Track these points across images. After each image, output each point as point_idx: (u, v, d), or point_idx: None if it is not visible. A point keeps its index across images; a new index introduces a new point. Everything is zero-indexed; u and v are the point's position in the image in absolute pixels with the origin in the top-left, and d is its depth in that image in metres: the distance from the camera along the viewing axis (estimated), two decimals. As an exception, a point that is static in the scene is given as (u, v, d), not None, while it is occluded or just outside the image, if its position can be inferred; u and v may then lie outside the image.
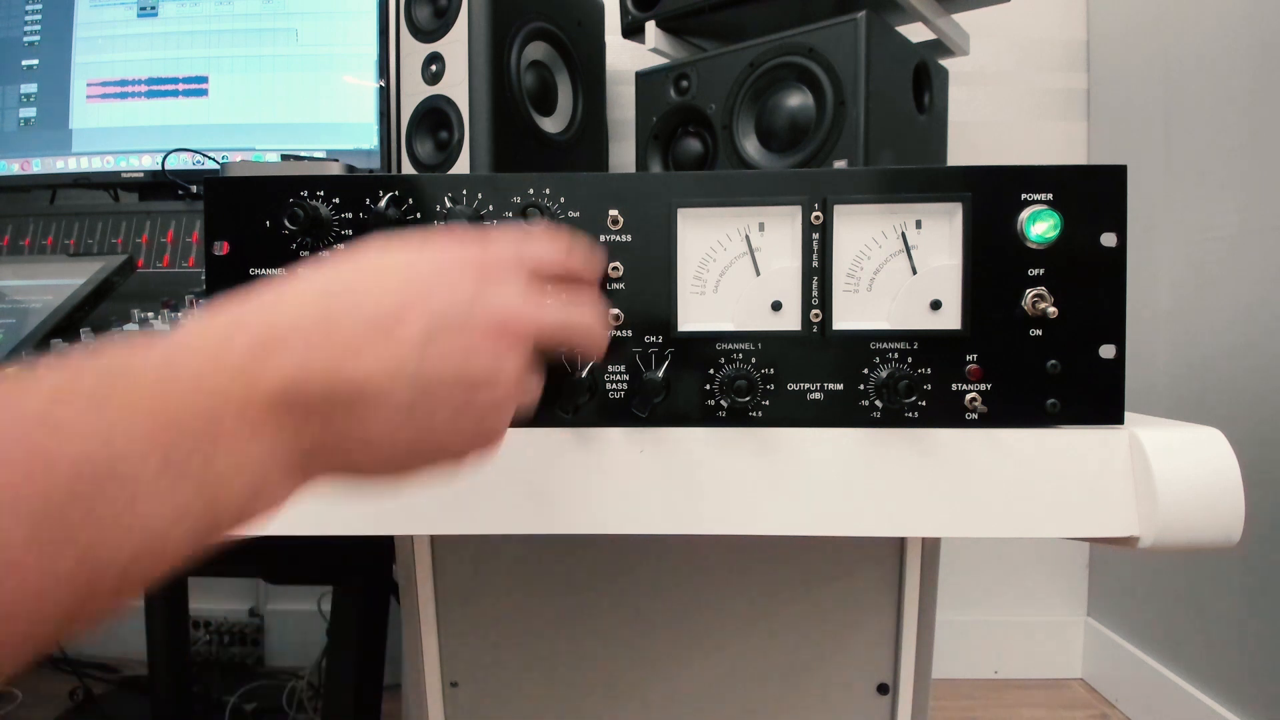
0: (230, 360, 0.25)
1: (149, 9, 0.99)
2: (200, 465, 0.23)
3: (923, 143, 0.86)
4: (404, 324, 0.28)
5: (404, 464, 0.30)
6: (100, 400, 0.22)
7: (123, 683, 1.35)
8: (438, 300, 0.29)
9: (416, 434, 0.29)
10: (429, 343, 0.28)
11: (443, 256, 0.31)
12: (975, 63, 1.20)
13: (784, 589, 0.71)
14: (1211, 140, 1.11)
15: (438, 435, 0.29)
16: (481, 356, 0.30)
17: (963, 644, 1.41)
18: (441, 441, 0.30)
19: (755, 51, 0.78)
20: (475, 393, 0.30)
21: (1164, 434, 0.41)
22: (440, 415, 0.29)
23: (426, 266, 0.30)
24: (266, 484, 0.26)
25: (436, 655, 0.73)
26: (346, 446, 0.28)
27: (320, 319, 0.27)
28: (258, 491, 0.25)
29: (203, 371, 0.25)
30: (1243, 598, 1.05)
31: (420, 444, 0.29)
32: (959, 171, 0.42)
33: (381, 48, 0.96)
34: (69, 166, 1.00)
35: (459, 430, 0.30)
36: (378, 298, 0.28)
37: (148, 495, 0.22)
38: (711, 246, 0.43)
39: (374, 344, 0.27)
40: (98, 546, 0.21)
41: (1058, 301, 0.41)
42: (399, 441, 0.29)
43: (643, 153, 0.88)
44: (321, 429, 0.27)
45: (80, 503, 0.20)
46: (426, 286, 0.29)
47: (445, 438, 0.30)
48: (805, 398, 0.43)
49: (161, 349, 0.25)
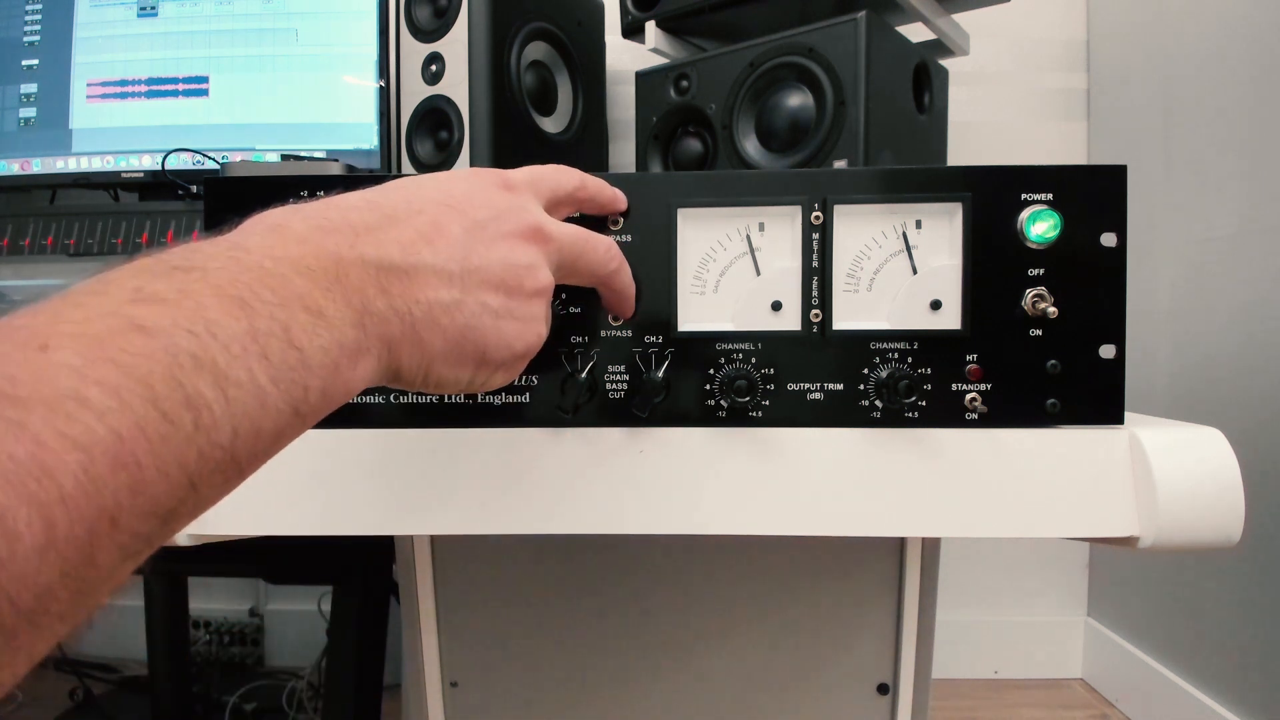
0: (291, 235, 0.27)
1: (149, 9, 0.99)
2: (280, 338, 0.24)
3: (923, 143, 0.86)
4: (445, 229, 0.31)
5: (464, 348, 0.32)
6: (178, 293, 0.22)
7: (123, 683, 1.35)
8: (473, 210, 0.33)
9: (470, 317, 0.31)
10: (470, 240, 0.32)
11: (471, 179, 0.34)
12: (975, 63, 1.20)
13: (784, 589, 0.71)
14: (1211, 140, 1.11)
15: (488, 323, 0.32)
16: (519, 254, 0.33)
17: (963, 644, 1.41)
18: (493, 330, 0.32)
19: (755, 51, 0.78)
20: (519, 285, 0.33)
21: (1164, 434, 0.41)
22: (490, 298, 0.32)
23: (458, 187, 0.33)
24: (343, 354, 0.27)
25: (436, 655, 0.73)
26: (413, 319, 0.30)
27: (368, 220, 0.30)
28: (336, 364, 0.26)
29: (267, 248, 0.26)
30: (1242, 598, 1.05)
31: (474, 329, 0.32)
32: (959, 171, 0.42)
33: (381, 48, 0.96)
34: (69, 166, 1.00)
35: (507, 315, 0.33)
36: (417, 208, 0.31)
37: (238, 374, 0.23)
38: (711, 246, 0.43)
39: (418, 243, 0.30)
40: (200, 429, 0.21)
41: (1058, 301, 0.41)
42: (455, 320, 0.31)
43: (643, 153, 0.88)
44: (381, 294, 0.28)
45: (178, 390, 0.21)
46: (461, 200, 0.33)
47: (495, 322, 0.32)
48: (805, 398, 0.43)
49: (225, 240, 0.26)
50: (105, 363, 0.20)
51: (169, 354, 0.21)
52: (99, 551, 0.19)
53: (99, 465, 0.19)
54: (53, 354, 0.19)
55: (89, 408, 0.19)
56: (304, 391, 0.25)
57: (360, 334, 0.27)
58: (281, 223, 0.28)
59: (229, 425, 0.22)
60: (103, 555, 0.19)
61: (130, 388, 0.20)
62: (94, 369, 0.19)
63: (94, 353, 0.20)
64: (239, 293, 0.24)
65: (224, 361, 0.22)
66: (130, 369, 0.20)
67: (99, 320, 0.21)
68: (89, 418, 0.19)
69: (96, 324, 0.20)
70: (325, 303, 0.26)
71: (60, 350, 0.19)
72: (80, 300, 0.21)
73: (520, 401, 0.44)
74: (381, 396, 0.44)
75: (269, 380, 0.24)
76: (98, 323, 0.20)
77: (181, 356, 0.21)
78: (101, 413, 0.19)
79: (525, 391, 0.44)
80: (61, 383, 0.19)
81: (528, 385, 0.44)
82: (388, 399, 0.44)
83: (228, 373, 0.22)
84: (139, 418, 0.20)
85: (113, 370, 0.20)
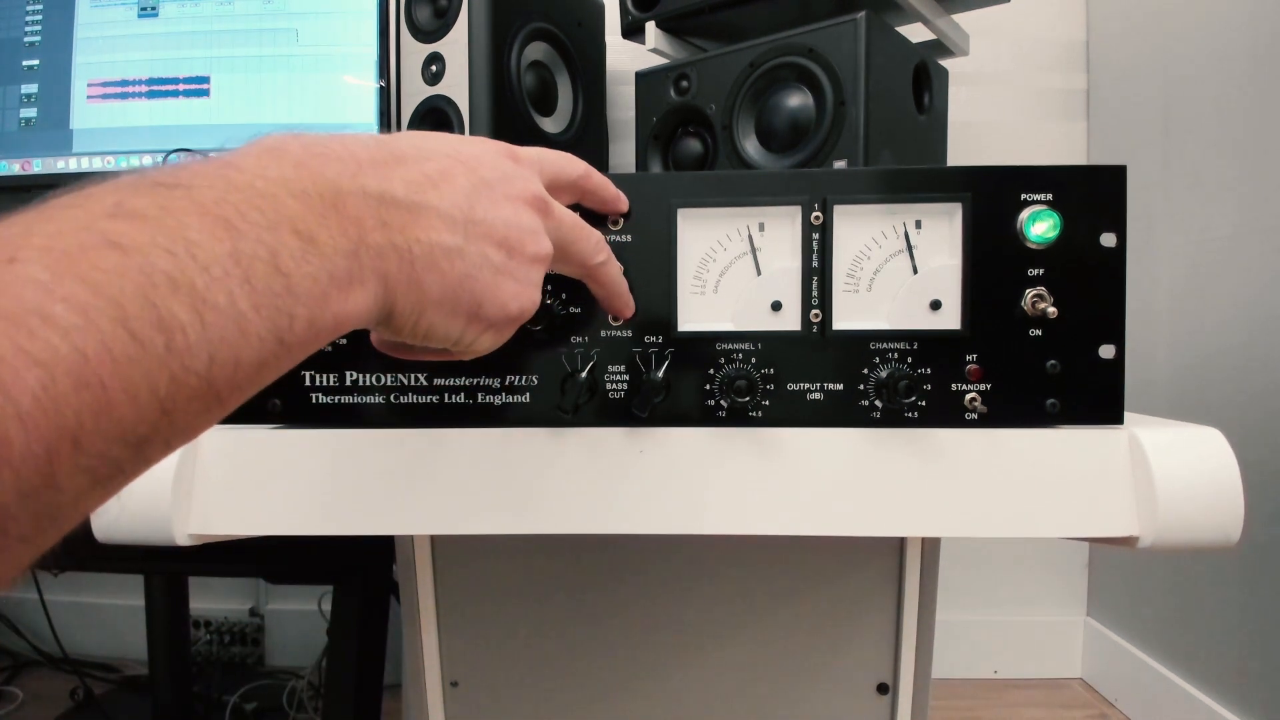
0: (288, 157, 0.26)
1: (149, 9, 0.99)
2: (266, 261, 0.23)
3: (923, 143, 0.86)
4: (452, 177, 0.31)
5: (460, 297, 0.31)
6: (159, 210, 0.22)
7: (123, 682, 1.35)
8: (481, 169, 0.32)
9: (470, 266, 0.31)
10: (475, 194, 0.31)
11: (481, 144, 0.34)
12: (975, 63, 1.20)
13: (784, 589, 0.71)
14: (1211, 140, 1.11)
15: (487, 277, 0.31)
16: (523, 217, 0.33)
17: (963, 644, 1.41)
18: (492, 285, 0.32)
19: (755, 51, 0.78)
20: (521, 246, 0.33)
21: (1163, 434, 0.41)
22: (491, 252, 0.31)
23: (467, 148, 0.33)
24: (333, 284, 0.25)
25: (436, 655, 0.73)
26: (413, 257, 0.29)
27: (374, 155, 0.29)
28: (325, 294, 0.25)
29: (261, 168, 0.25)
30: (1242, 598, 1.05)
31: (473, 280, 0.31)
32: (959, 171, 0.42)
33: (381, 48, 0.96)
34: (69, 166, 1.00)
35: (508, 276, 0.32)
36: (426, 155, 0.31)
37: (217, 297, 0.22)
38: (711, 246, 0.43)
39: (424, 184, 0.30)
40: (172, 353, 0.20)
41: (1057, 301, 0.41)
42: (456, 266, 0.30)
43: (643, 153, 0.88)
44: (380, 228, 0.27)
45: (150, 310, 0.20)
46: (470, 159, 0.32)
47: (494, 281, 0.32)
48: (805, 398, 0.43)
49: (218, 159, 0.25)
50: (74, 279, 0.19)
51: (143, 273, 0.20)
52: (60, 473, 0.18)
53: (60, 384, 0.18)
54: (20, 267, 0.18)
55: (53, 324, 0.18)
56: (289, 320, 0.24)
57: (354, 264, 0.26)
58: (279, 145, 0.27)
59: (205, 351, 0.21)
60: (65, 478, 0.18)
61: (98, 306, 0.19)
62: (62, 285, 0.19)
63: (63, 268, 0.19)
64: (225, 213, 0.23)
65: (202, 284, 0.21)
66: (100, 287, 0.19)
67: (72, 234, 0.20)
68: (52, 334, 0.18)
69: (69, 238, 0.20)
70: (318, 229, 0.25)
71: (28, 264, 0.18)
72: (55, 213, 0.20)
73: (520, 401, 0.44)
74: (382, 396, 0.44)
75: (251, 306, 0.22)
76: (71, 237, 0.20)
77: (157, 276, 0.20)
78: (66, 330, 0.18)
79: (525, 391, 0.44)
80: (26, 297, 0.18)
81: (527, 385, 0.44)
82: (388, 399, 0.44)
83: (206, 295, 0.21)
84: (106, 337, 0.19)
85: (81, 287, 0.19)
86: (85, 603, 1.49)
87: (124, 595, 1.46)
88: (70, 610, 1.45)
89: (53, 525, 0.19)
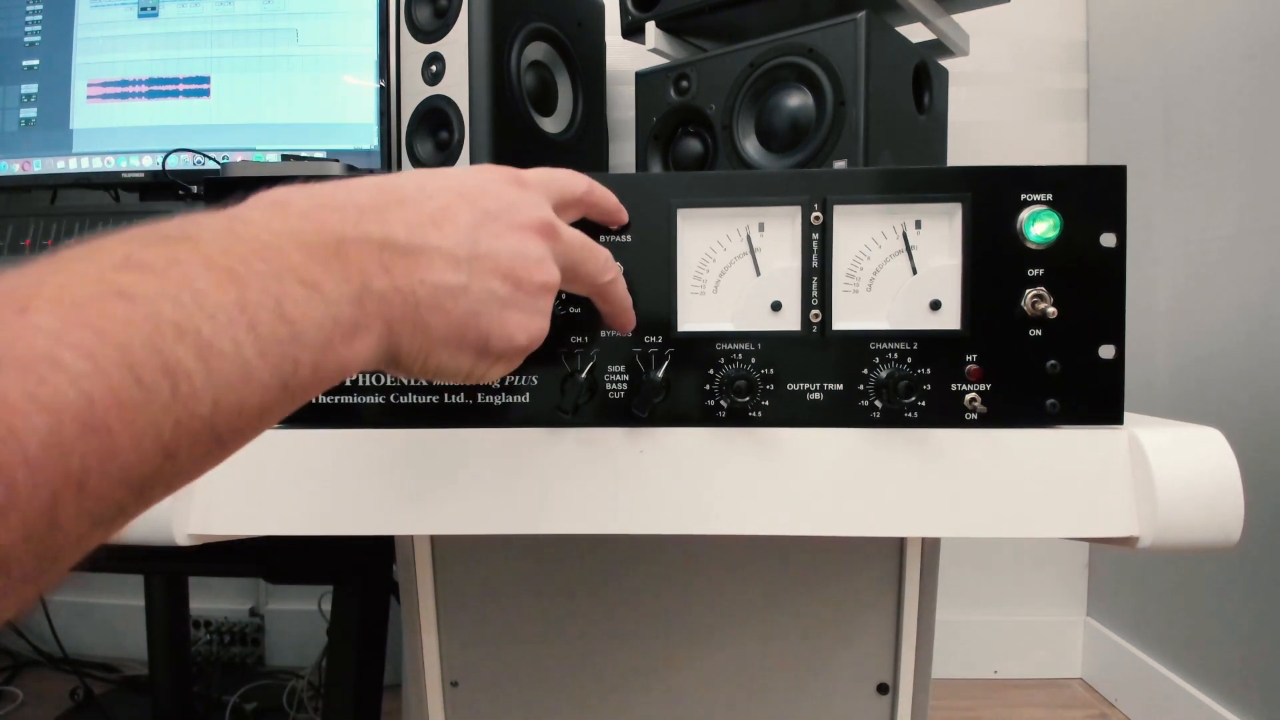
0: (293, 210, 0.27)
1: (149, 9, 0.99)
2: (271, 310, 0.24)
3: (923, 143, 0.86)
4: (453, 215, 0.31)
5: (467, 334, 0.31)
6: (167, 261, 0.22)
7: (123, 682, 1.35)
8: (484, 200, 0.32)
9: (475, 303, 0.31)
10: (479, 228, 0.31)
11: (484, 173, 0.34)
12: (975, 63, 1.20)
13: (784, 589, 0.71)
14: (1211, 140, 1.11)
15: (494, 308, 0.31)
16: (529, 247, 0.33)
17: (963, 644, 1.41)
18: (498, 319, 0.32)
19: (755, 52, 0.78)
20: (527, 276, 0.33)
21: (1163, 434, 0.41)
22: (496, 285, 0.31)
23: (471, 179, 0.33)
24: (338, 330, 0.26)
25: (436, 655, 0.73)
26: (417, 300, 0.29)
27: (375, 200, 0.29)
28: (330, 340, 0.26)
29: (265, 221, 0.26)
30: (1242, 598, 1.05)
31: (479, 316, 0.31)
32: (959, 171, 0.42)
33: (381, 48, 0.96)
34: (70, 167, 1.00)
35: (514, 307, 0.32)
36: (429, 194, 0.31)
37: (223, 344, 0.22)
38: (711, 246, 0.43)
39: (425, 225, 0.30)
40: (178, 398, 0.21)
41: (1057, 302, 0.41)
42: (460, 304, 0.30)
43: (643, 153, 0.88)
44: (383, 272, 0.28)
45: (157, 357, 0.20)
46: (473, 191, 0.32)
47: (501, 311, 0.32)
48: (805, 398, 0.43)
49: (225, 213, 0.26)
50: (83, 327, 0.19)
51: (151, 321, 0.20)
52: (64, 516, 0.18)
53: (67, 429, 0.18)
54: (30, 317, 0.19)
55: (62, 370, 0.18)
56: (294, 366, 0.24)
57: (358, 311, 0.27)
58: (284, 199, 0.27)
59: (210, 396, 0.22)
60: (68, 520, 0.19)
61: (106, 353, 0.19)
62: (71, 333, 0.19)
63: (73, 317, 0.19)
64: (230, 264, 0.23)
65: (209, 331, 0.22)
66: (108, 334, 0.20)
67: (82, 285, 0.20)
68: (61, 380, 0.18)
69: (79, 289, 0.20)
70: (322, 277, 0.26)
71: (39, 313, 0.19)
72: (66, 265, 0.21)
73: (520, 401, 0.44)
74: (382, 397, 0.44)
75: (256, 353, 0.23)
76: (80, 288, 0.20)
77: (164, 324, 0.21)
78: (74, 376, 0.19)
79: (525, 391, 0.44)
80: (36, 345, 0.18)
81: (527, 385, 0.44)
82: (388, 399, 0.44)
83: (212, 342, 0.22)
84: (113, 383, 0.19)
85: (90, 335, 0.19)
86: (85, 603, 1.49)
87: (124, 595, 1.46)
88: (70, 610, 1.45)
89: (54, 566, 0.19)
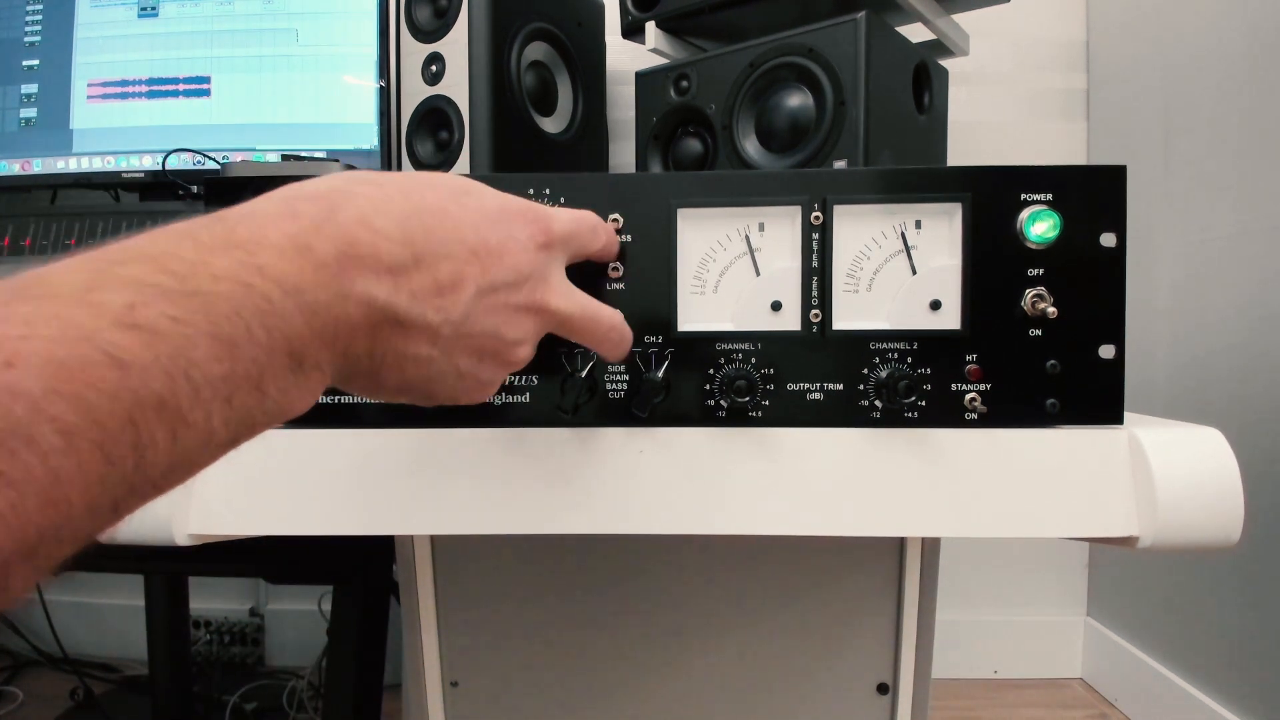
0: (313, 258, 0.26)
1: (149, 9, 0.99)
2: (252, 382, 0.24)
3: (923, 143, 0.86)
4: (461, 285, 0.31)
5: (412, 391, 0.32)
6: (171, 323, 0.21)
7: (123, 682, 1.35)
8: (497, 269, 0.32)
9: (436, 371, 0.31)
10: (478, 300, 0.31)
11: (512, 226, 0.33)
12: (975, 63, 1.20)
13: (784, 589, 0.71)
14: (1210, 140, 1.11)
15: (450, 379, 0.32)
16: (513, 327, 0.33)
17: (962, 644, 1.41)
18: (451, 384, 0.33)
19: (755, 51, 0.78)
20: (495, 355, 0.33)
21: (1163, 434, 0.41)
22: (463, 362, 0.32)
23: (496, 235, 0.32)
24: (300, 394, 0.26)
25: (436, 655, 0.73)
26: (383, 362, 0.30)
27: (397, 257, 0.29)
28: (291, 404, 0.26)
29: (281, 273, 0.25)
30: (1242, 598, 1.05)
31: (435, 381, 0.32)
32: (959, 171, 0.42)
33: (381, 48, 0.96)
34: (70, 167, 1.00)
35: (469, 377, 0.33)
36: (447, 251, 0.30)
37: (196, 416, 0.22)
38: (711, 246, 0.43)
39: (429, 295, 0.30)
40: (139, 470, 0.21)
41: (1057, 301, 0.41)
42: (419, 372, 0.31)
43: (643, 153, 0.88)
44: (367, 339, 0.28)
45: (131, 432, 0.20)
46: (492, 253, 0.32)
47: (456, 381, 0.33)
48: (805, 398, 0.43)
49: (241, 245, 0.24)
50: (66, 399, 0.19)
51: (136, 395, 0.20)
52: (14, 579, 0.18)
53: (28, 503, 0.18)
54: (14, 375, 0.18)
55: (34, 447, 0.18)
56: (249, 429, 0.25)
57: (325, 376, 0.27)
58: (308, 243, 0.26)
59: (168, 463, 0.22)
60: (17, 582, 0.19)
61: (83, 430, 0.19)
62: (52, 403, 0.18)
63: (59, 382, 0.19)
64: (233, 332, 0.23)
65: (187, 405, 0.21)
66: (90, 409, 0.19)
67: (76, 344, 0.19)
68: (31, 457, 0.18)
69: (71, 347, 0.19)
70: (311, 350, 0.25)
71: (24, 372, 0.18)
72: (61, 310, 0.20)
73: (520, 401, 0.44)
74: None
75: (222, 422, 0.23)
76: (73, 346, 0.19)
77: (148, 399, 0.20)
78: (45, 453, 0.18)
79: (525, 391, 0.44)
80: (15, 414, 0.18)
81: (528, 385, 0.44)
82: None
83: (187, 417, 0.22)
84: (82, 460, 0.19)
85: (70, 410, 0.19)
86: (85, 603, 1.49)
87: (124, 595, 1.46)
88: (70, 610, 1.45)
89: None
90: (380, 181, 0.30)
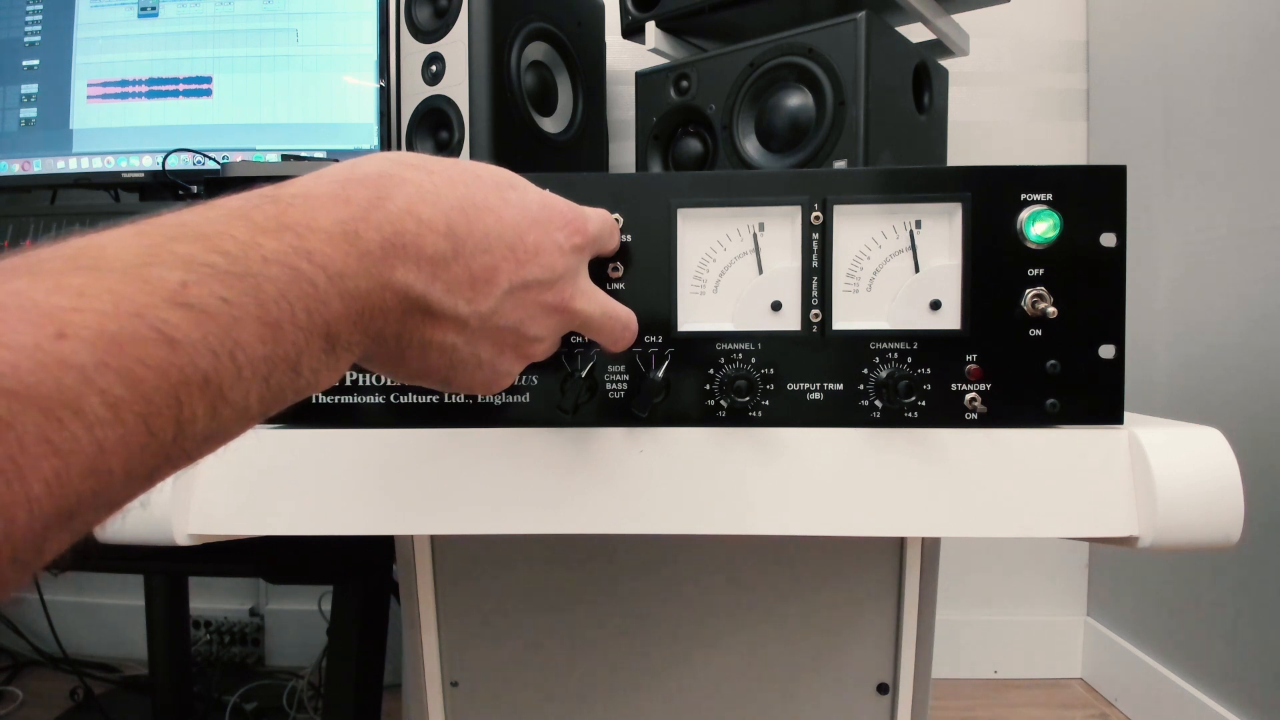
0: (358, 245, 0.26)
1: (149, 9, 0.99)
2: (289, 363, 0.24)
3: (923, 143, 0.86)
4: (495, 281, 0.31)
5: (432, 376, 0.33)
6: (220, 303, 0.22)
7: (123, 683, 1.35)
8: (531, 267, 0.33)
9: (458, 359, 0.32)
10: (507, 296, 0.32)
11: (549, 227, 0.34)
12: (975, 63, 1.20)
13: (784, 589, 0.71)
14: (1210, 140, 1.11)
15: (470, 367, 0.33)
16: (537, 324, 0.34)
17: (962, 644, 1.41)
18: (470, 373, 0.33)
19: (755, 51, 0.78)
20: (516, 348, 0.34)
21: (1163, 434, 0.41)
22: (484, 353, 0.33)
23: (532, 236, 0.33)
24: (330, 374, 0.27)
25: (436, 655, 0.73)
26: (408, 346, 0.30)
27: (439, 249, 0.29)
28: (322, 380, 0.26)
29: (327, 258, 0.25)
30: (1242, 598, 1.05)
31: (455, 368, 0.32)
32: (959, 171, 0.42)
33: (381, 48, 0.96)
34: (70, 167, 1.00)
35: (488, 367, 0.34)
36: (486, 245, 0.31)
37: (235, 395, 0.22)
38: (711, 246, 0.43)
39: (463, 288, 0.30)
40: (177, 442, 0.21)
41: (1057, 301, 0.41)
42: (441, 359, 0.31)
43: (643, 153, 0.88)
44: (398, 324, 0.29)
45: (174, 407, 0.21)
46: (529, 252, 0.33)
47: (475, 370, 0.33)
48: (805, 398, 0.43)
49: (292, 231, 0.25)
50: (115, 372, 0.19)
51: (183, 373, 0.21)
52: (50, 543, 0.19)
53: (73, 472, 0.18)
54: (66, 345, 0.18)
55: (82, 418, 0.18)
56: (279, 404, 0.25)
57: (352, 357, 0.28)
58: (355, 230, 0.26)
59: (204, 435, 0.22)
60: (53, 545, 0.19)
61: (130, 403, 0.19)
62: (102, 375, 0.19)
63: (109, 356, 0.19)
64: (279, 316, 0.23)
65: (229, 384, 0.22)
66: (138, 384, 0.19)
67: (128, 319, 0.20)
68: (78, 427, 0.18)
69: (123, 321, 0.20)
70: (346, 332, 0.26)
71: (75, 342, 0.18)
72: (115, 285, 0.20)
73: (520, 401, 0.44)
74: (382, 397, 0.44)
75: (257, 399, 0.23)
76: (124, 321, 0.20)
77: (194, 376, 0.21)
78: (92, 424, 0.19)
79: (525, 391, 0.44)
80: (65, 382, 0.18)
81: (528, 385, 0.44)
82: (388, 399, 0.44)
83: (228, 395, 0.22)
84: (127, 431, 0.19)
85: (119, 382, 0.19)
86: (85, 603, 1.49)
87: (124, 595, 1.46)
88: (70, 610, 1.45)
89: (28, 576, 0.20)
90: (431, 168, 0.31)
